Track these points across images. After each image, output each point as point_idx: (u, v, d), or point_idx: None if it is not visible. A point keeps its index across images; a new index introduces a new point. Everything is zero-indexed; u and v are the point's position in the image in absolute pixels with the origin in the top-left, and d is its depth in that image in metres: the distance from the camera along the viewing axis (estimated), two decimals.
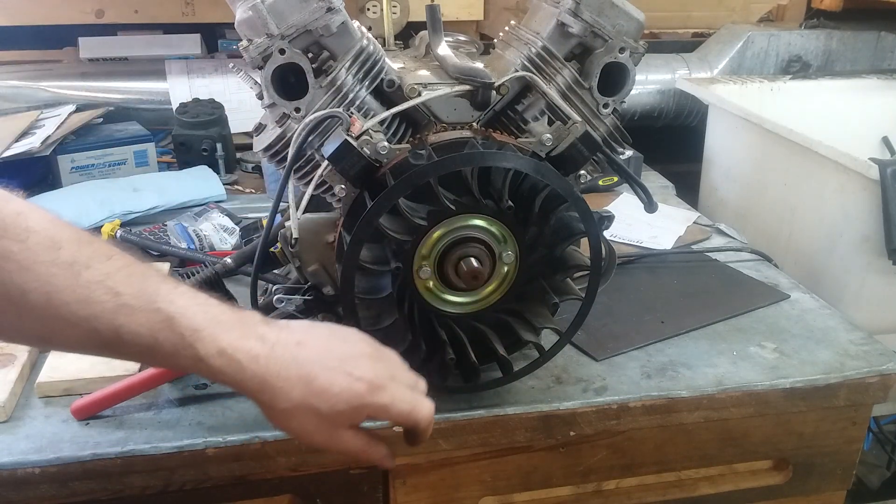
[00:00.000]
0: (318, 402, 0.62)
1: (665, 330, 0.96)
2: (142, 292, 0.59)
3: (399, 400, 0.64)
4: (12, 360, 0.83)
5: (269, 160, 0.83)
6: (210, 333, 0.60)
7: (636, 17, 0.83)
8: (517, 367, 0.81)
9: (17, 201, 0.58)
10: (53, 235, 0.58)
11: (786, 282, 1.11)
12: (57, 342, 0.61)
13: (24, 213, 0.58)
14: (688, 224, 1.27)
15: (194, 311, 0.60)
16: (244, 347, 0.60)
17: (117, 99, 1.48)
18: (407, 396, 0.65)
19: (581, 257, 0.80)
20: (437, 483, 0.86)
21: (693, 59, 1.67)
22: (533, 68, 0.83)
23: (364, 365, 0.64)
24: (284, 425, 0.64)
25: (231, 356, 0.60)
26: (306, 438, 0.64)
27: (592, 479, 0.91)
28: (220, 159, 1.38)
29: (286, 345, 0.62)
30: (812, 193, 1.19)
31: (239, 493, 0.80)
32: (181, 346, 0.59)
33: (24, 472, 0.72)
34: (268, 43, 0.76)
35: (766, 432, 0.93)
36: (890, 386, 0.91)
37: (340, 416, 0.63)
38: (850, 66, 1.71)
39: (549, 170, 0.74)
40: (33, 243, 0.57)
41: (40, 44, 1.61)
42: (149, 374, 0.78)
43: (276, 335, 0.63)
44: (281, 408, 0.62)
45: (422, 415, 0.65)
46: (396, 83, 0.80)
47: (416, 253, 0.75)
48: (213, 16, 1.63)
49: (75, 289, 0.57)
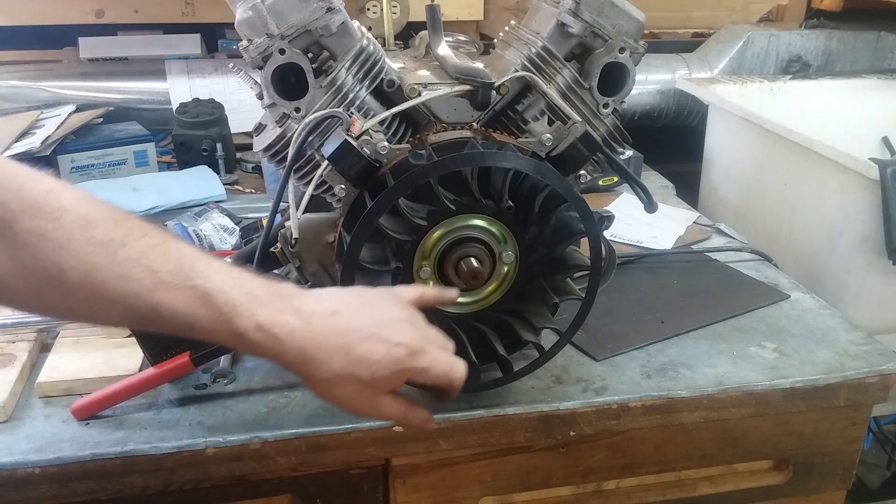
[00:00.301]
0: (359, 371, 0.63)
1: (665, 330, 0.96)
2: (178, 269, 0.60)
3: (437, 362, 0.66)
4: (12, 360, 0.83)
5: (269, 160, 0.83)
6: (247, 309, 0.61)
7: (636, 17, 0.83)
8: (517, 367, 0.81)
9: (47, 180, 0.59)
10: (87, 214, 0.58)
11: (786, 282, 1.11)
12: (99, 319, 0.63)
13: (56, 191, 0.58)
14: (688, 224, 1.27)
15: (230, 286, 0.61)
16: (281, 322, 0.61)
17: (117, 99, 1.48)
18: (443, 357, 0.67)
19: (581, 257, 0.80)
20: (437, 483, 0.86)
21: (693, 59, 1.67)
22: (533, 68, 0.83)
23: (400, 330, 0.65)
24: (326, 394, 0.65)
25: (269, 331, 0.61)
26: (348, 406, 0.66)
27: (592, 479, 0.91)
28: (220, 159, 1.38)
29: (322, 315, 0.63)
30: (812, 193, 1.19)
31: (239, 493, 0.80)
32: (219, 322, 0.60)
33: (24, 472, 0.72)
34: (268, 43, 0.76)
35: (766, 432, 0.93)
36: (890, 386, 0.91)
37: (381, 382, 0.64)
38: (850, 66, 1.71)
39: (549, 170, 0.74)
40: (67, 222, 0.57)
41: (40, 44, 1.61)
42: (149, 374, 0.78)
43: (311, 307, 0.64)
44: (322, 378, 0.63)
45: (458, 374, 0.67)
46: (396, 83, 0.80)
47: (416, 253, 0.75)
48: (213, 16, 1.63)
49: (112, 267, 0.58)
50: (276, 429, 0.77)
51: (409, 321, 0.67)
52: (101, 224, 0.59)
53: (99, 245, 0.58)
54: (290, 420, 0.78)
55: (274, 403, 0.81)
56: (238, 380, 0.84)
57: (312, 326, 0.63)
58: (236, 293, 0.61)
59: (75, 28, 1.59)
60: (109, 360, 0.83)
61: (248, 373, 0.85)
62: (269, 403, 0.81)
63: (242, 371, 0.85)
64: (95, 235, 0.58)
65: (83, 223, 0.58)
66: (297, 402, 0.81)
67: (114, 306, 0.59)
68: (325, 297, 0.66)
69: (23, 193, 0.57)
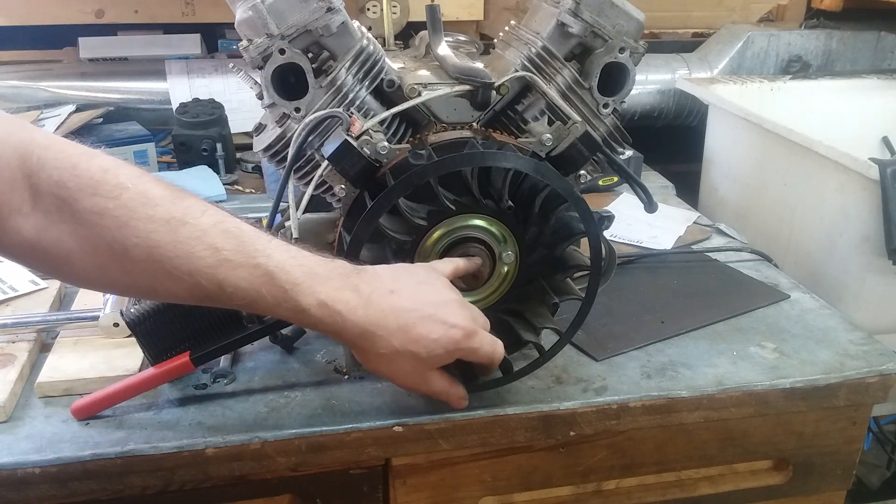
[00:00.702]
0: (418, 349, 0.67)
1: (665, 330, 0.96)
2: (240, 247, 0.62)
3: (485, 343, 0.71)
4: (12, 360, 0.83)
5: (269, 160, 0.83)
6: (309, 286, 0.64)
7: (636, 17, 0.83)
8: (517, 367, 0.81)
9: (102, 157, 0.61)
10: (146, 191, 0.60)
11: (786, 282, 1.11)
12: (161, 294, 0.65)
13: (112, 169, 0.60)
14: (688, 224, 1.27)
15: (291, 264, 0.64)
16: (342, 298, 0.65)
17: (117, 99, 1.48)
18: (489, 339, 0.71)
19: (581, 257, 0.80)
20: (437, 483, 0.86)
21: (693, 59, 1.67)
22: (533, 68, 0.83)
23: (455, 311, 0.69)
24: (381, 368, 0.70)
25: (331, 307, 0.64)
26: (402, 380, 0.71)
27: (592, 479, 0.91)
28: (220, 159, 1.38)
29: (381, 294, 0.67)
30: (812, 193, 1.19)
31: (239, 493, 0.80)
32: (283, 299, 0.63)
33: (24, 472, 0.72)
34: (268, 43, 0.76)
35: (766, 432, 0.93)
36: (890, 386, 0.91)
37: (436, 359, 0.69)
38: (850, 66, 1.71)
39: (549, 170, 0.74)
40: (127, 199, 0.59)
41: (40, 44, 1.61)
42: (149, 374, 0.78)
43: (369, 285, 0.67)
44: (381, 353, 0.67)
45: (499, 353, 0.72)
46: (396, 83, 0.81)
47: (416, 253, 0.75)
48: (213, 16, 1.63)
49: (175, 244, 0.60)
50: (276, 429, 0.77)
51: (460, 303, 0.71)
52: (161, 202, 0.60)
53: (161, 223, 0.60)
54: (290, 420, 0.78)
55: (274, 403, 0.81)
56: (238, 380, 0.84)
57: (373, 304, 0.66)
58: (298, 271, 0.64)
59: (75, 28, 1.59)
60: (109, 360, 0.83)
61: (248, 373, 0.85)
62: (269, 403, 0.81)
63: (242, 371, 0.85)
64: (157, 213, 0.60)
65: (143, 200, 0.60)
66: (297, 402, 0.81)
67: (178, 283, 0.61)
68: (381, 275, 0.69)
69: (79, 171, 0.59)
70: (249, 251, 0.62)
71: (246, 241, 0.63)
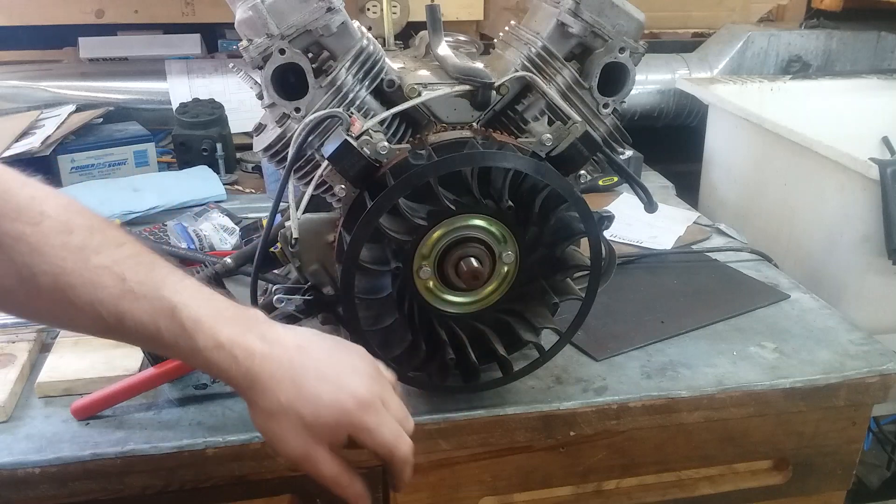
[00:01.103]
0: (303, 408, 0.60)
1: (665, 330, 0.96)
2: (147, 280, 0.59)
3: (384, 426, 0.62)
4: (12, 360, 0.83)
5: (269, 160, 0.83)
6: (210, 326, 0.59)
7: (636, 17, 0.83)
8: (517, 367, 0.81)
9: (33, 186, 0.59)
10: (67, 220, 0.59)
11: (786, 282, 1.11)
12: (65, 323, 0.64)
13: (40, 197, 0.59)
14: (688, 224, 1.27)
15: (198, 303, 0.60)
16: (243, 343, 0.60)
17: (117, 99, 1.48)
18: (393, 426, 0.63)
19: (581, 257, 0.80)
20: (437, 483, 0.86)
21: (693, 59, 1.67)
22: (533, 68, 0.83)
23: (359, 381, 0.62)
24: (264, 427, 0.62)
25: (228, 351, 0.59)
26: (282, 446, 0.62)
27: (592, 479, 0.91)
28: (220, 159, 1.38)
29: (286, 346, 0.62)
30: (812, 193, 1.19)
31: (239, 493, 0.80)
32: (181, 336, 0.59)
33: (24, 472, 0.72)
34: (268, 43, 0.76)
35: (766, 432, 0.93)
36: (890, 386, 0.91)
37: (323, 428, 0.61)
38: (850, 66, 1.71)
39: (549, 170, 0.74)
40: (46, 227, 0.57)
41: (40, 44, 1.61)
42: (149, 374, 0.78)
43: (278, 335, 0.62)
44: (264, 407, 0.61)
45: (402, 451, 0.63)
46: (396, 83, 0.80)
47: (416, 253, 0.75)
48: (213, 16, 1.63)
49: (83, 272, 0.57)
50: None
51: (373, 377, 0.64)
52: (79, 231, 0.58)
53: (73, 251, 0.58)
54: None
55: None
56: None
57: (273, 354, 0.61)
58: (203, 310, 0.60)
59: (75, 28, 1.59)
60: (109, 360, 0.83)
61: None
62: None
63: None
64: (71, 241, 0.58)
65: (61, 229, 0.58)
66: None
67: (81, 313, 0.58)
68: (298, 332, 0.65)
69: (8, 197, 0.57)
70: (157, 284, 0.59)
71: (156, 275, 0.60)
